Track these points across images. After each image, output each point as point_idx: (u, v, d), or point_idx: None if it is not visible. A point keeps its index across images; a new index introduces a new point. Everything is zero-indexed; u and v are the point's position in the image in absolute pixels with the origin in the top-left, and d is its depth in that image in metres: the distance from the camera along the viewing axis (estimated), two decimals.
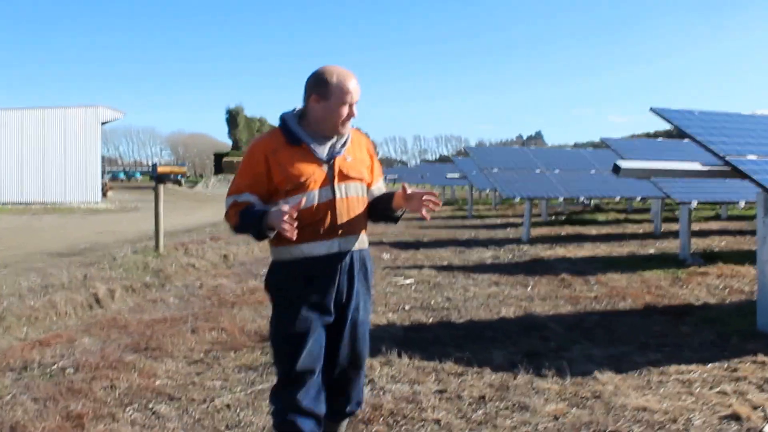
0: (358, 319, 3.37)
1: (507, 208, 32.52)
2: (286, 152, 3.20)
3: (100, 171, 38.48)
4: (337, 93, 3.18)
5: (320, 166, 3.21)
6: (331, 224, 3.21)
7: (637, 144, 14.05)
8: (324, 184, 3.21)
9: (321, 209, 3.19)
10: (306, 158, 3.20)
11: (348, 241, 3.28)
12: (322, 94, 3.19)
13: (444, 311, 7.78)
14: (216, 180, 70.10)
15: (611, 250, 13.77)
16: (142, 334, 6.62)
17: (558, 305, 8.14)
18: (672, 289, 9.13)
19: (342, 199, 3.24)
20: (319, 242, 3.20)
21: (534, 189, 16.43)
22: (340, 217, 3.22)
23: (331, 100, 3.18)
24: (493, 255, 13.26)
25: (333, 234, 3.22)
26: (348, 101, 3.20)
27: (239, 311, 7.68)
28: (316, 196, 3.19)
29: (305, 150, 3.21)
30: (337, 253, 3.24)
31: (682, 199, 11.70)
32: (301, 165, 3.18)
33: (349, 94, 3.20)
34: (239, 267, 11.63)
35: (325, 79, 3.20)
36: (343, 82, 3.19)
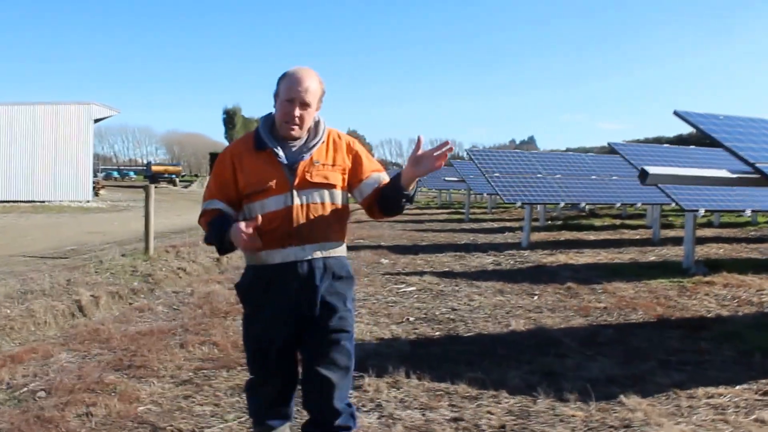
0: (329, 326, 3.19)
1: (502, 211, 32.19)
2: (251, 157, 3.17)
3: (91, 169, 37.75)
4: (283, 89, 3.11)
5: (281, 171, 3.12)
6: (287, 232, 3.11)
7: (645, 149, 13.66)
8: (284, 190, 3.12)
9: (278, 216, 3.11)
10: (268, 163, 3.13)
11: (306, 250, 3.15)
12: (276, 94, 3.18)
13: (450, 323, 7.36)
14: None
15: (613, 257, 13.43)
16: (125, 349, 6.13)
17: (569, 317, 7.74)
18: (681, 300, 8.81)
19: (301, 205, 3.13)
20: (275, 250, 3.13)
21: (535, 194, 16.08)
22: (297, 224, 3.12)
23: (279, 97, 3.14)
24: (494, 261, 12.87)
25: (289, 242, 3.12)
26: (292, 97, 3.07)
27: (232, 322, 7.21)
28: (274, 202, 3.11)
29: (268, 155, 3.14)
30: (294, 262, 3.14)
31: (690, 206, 11.33)
32: (261, 170, 3.12)
33: (292, 92, 3.07)
34: (233, 272, 11.14)
35: (279, 78, 3.16)
36: (290, 78, 3.11)
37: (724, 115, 7.67)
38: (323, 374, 3.18)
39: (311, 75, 3.13)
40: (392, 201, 3.22)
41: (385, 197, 3.25)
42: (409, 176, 3.12)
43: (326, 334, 3.20)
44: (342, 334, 3.23)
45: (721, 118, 7.57)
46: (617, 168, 19.28)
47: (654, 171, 6.04)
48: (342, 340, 3.23)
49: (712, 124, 7.22)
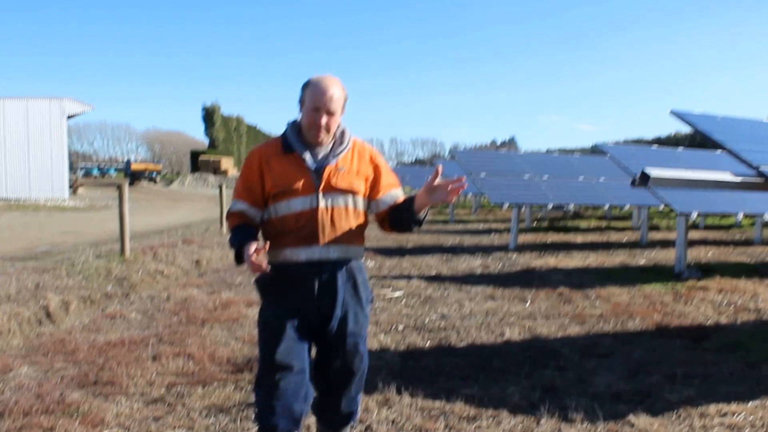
0: (347, 330, 3.32)
1: (487, 212, 31.90)
2: (278, 160, 3.28)
3: (67, 166, 36.93)
4: (309, 98, 3.23)
5: (308, 175, 3.25)
6: (312, 232, 3.22)
7: (633, 151, 13.36)
8: (309, 192, 3.23)
9: (303, 216, 3.22)
10: (295, 166, 3.26)
11: (329, 251, 3.26)
12: (301, 101, 3.28)
13: (441, 332, 6.97)
14: (192, 178, 68.10)
15: (602, 261, 13.13)
16: (92, 362, 5.64)
17: (564, 325, 7.39)
18: (677, 306, 8.50)
19: (326, 208, 3.25)
20: (300, 248, 3.24)
21: (522, 195, 15.71)
22: (321, 226, 3.23)
23: (305, 105, 3.25)
24: (482, 264, 12.50)
25: (313, 242, 3.23)
26: (317, 106, 3.20)
27: (210, 331, 6.79)
28: (300, 203, 3.23)
29: (296, 158, 3.27)
30: (318, 261, 3.25)
31: (683, 210, 11.04)
32: (288, 173, 3.24)
33: (319, 99, 3.19)
34: (212, 275, 10.71)
35: (304, 85, 3.28)
36: (316, 86, 3.22)
37: (721, 116, 7.35)
38: (335, 377, 3.37)
39: (335, 83, 3.25)
40: (404, 222, 3.39)
41: (397, 217, 3.40)
42: (422, 203, 3.25)
43: (342, 338, 3.32)
44: (358, 338, 3.36)
45: (719, 119, 7.25)
46: (604, 169, 19.01)
47: (656, 173, 5.68)
48: (359, 344, 3.37)
49: (711, 125, 6.89)
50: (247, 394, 4.92)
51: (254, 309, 7.85)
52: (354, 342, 3.34)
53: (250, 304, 8.12)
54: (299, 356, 3.28)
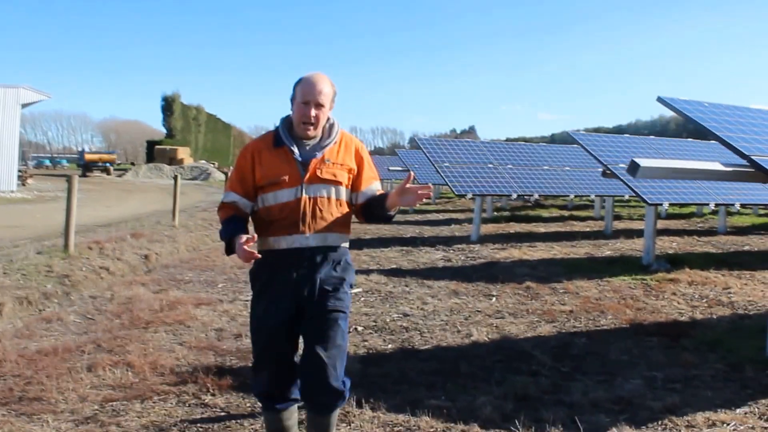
0: (327, 306, 3.39)
1: (447, 202, 31.51)
2: (269, 153, 3.43)
3: (17, 157, 35.44)
4: (299, 93, 3.38)
5: (294, 167, 3.38)
6: (295, 221, 3.35)
7: (605, 140, 12.98)
8: (295, 183, 3.37)
9: (288, 206, 3.36)
10: (283, 159, 3.40)
11: (309, 239, 3.38)
12: (292, 97, 3.43)
13: (404, 333, 6.52)
14: (147, 169, 66.39)
15: (568, 252, 12.81)
16: (19, 375, 5.02)
17: (534, 323, 7.00)
18: (649, 301, 8.21)
19: (309, 198, 3.37)
20: (282, 237, 3.38)
21: (486, 185, 15.25)
22: (303, 215, 3.35)
23: (296, 100, 3.40)
24: (444, 257, 12.07)
25: (294, 230, 3.36)
26: (307, 100, 3.34)
27: (154, 335, 6.24)
28: (286, 194, 3.37)
29: (285, 151, 3.41)
30: (299, 248, 3.37)
31: (654, 200, 10.71)
32: (277, 165, 3.39)
33: (309, 93, 3.34)
34: (161, 271, 10.11)
35: (297, 82, 3.42)
36: (306, 82, 3.37)
37: (708, 102, 6.98)
38: (319, 352, 3.37)
39: (324, 79, 3.41)
40: (375, 216, 3.57)
41: (370, 210, 3.54)
42: (393, 203, 3.43)
43: (323, 314, 3.39)
44: (338, 314, 3.42)
45: (707, 105, 6.88)
46: (569, 158, 18.72)
47: (645, 164, 5.27)
48: (338, 319, 3.42)
49: (699, 112, 6.50)
50: (191, 409, 4.44)
51: (203, 309, 7.35)
52: (334, 318, 3.41)
53: (199, 304, 7.58)
54: (286, 347, 3.47)
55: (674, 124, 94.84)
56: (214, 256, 11.46)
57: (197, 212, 20.02)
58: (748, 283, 9.56)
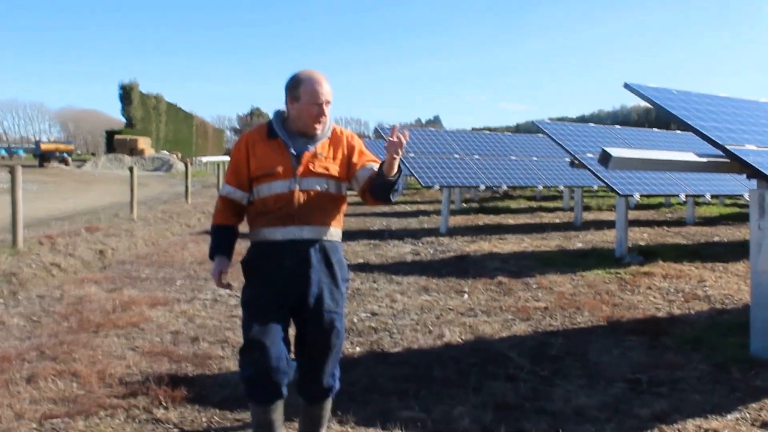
0: (323, 306, 3.45)
1: (414, 193, 31.16)
2: (263, 145, 3.49)
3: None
4: (307, 95, 3.40)
5: (288, 159, 3.43)
6: (289, 212, 3.39)
7: (571, 129, 12.70)
8: (289, 176, 3.41)
9: (282, 198, 3.40)
10: (277, 151, 3.45)
11: (304, 231, 3.41)
12: (295, 96, 3.44)
13: (373, 335, 6.16)
14: (107, 159, 64.92)
15: (538, 244, 12.55)
16: None
17: (508, 322, 6.68)
18: (625, 296, 7.96)
19: (302, 191, 3.41)
20: (277, 228, 3.41)
21: (454, 176, 14.88)
22: (297, 208, 3.39)
23: (302, 101, 3.42)
24: (413, 250, 11.72)
25: (290, 222, 3.39)
26: (316, 101, 3.40)
27: (104, 340, 5.78)
28: (280, 185, 3.40)
29: (279, 144, 3.47)
30: (292, 240, 3.40)
31: (625, 191, 10.45)
32: (270, 156, 3.44)
33: (318, 95, 3.40)
34: (117, 267, 9.61)
35: (298, 82, 3.44)
36: (313, 84, 3.41)
37: (677, 90, 6.69)
38: (313, 352, 3.49)
39: (326, 78, 3.47)
40: (380, 187, 3.47)
41: (374, 184, 3.51)
42: (388, 164, 3.37)
43: (319, 315, 3.44)
44: (333, 314, 3.48)
45: (675, 92, 6.59)
46: (536, 148, 18.47)
47: (618, 154, 4.95)
48: (335, 320, 3.49)
49: (668, 100, 6.20)
50: (141, 426, 4.03)
51: (159, 310, 6.93)
52: (330, 318, 3.47)
53: (155, 304, 7.14)
54: (277, 332, 3.40)
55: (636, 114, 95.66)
56: (173, 251, 11.00)
57: (158, 204, 19.50)
58: (722, 275, 9.36)
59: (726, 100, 7.24)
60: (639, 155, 5.18)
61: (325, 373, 3.53)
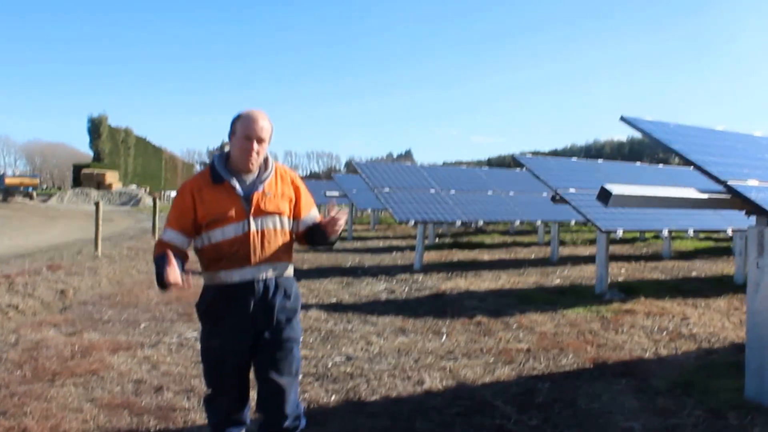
0: (282, 335, 3.51)
1: (386, 228, 30.84)
2: (210, 190, 3.47)
3: None
4: (240, 129, 3.45)
5: (238, 202, 3.46)
6: (245, 254, 3.43)
7: (552, 163, 12.48)
8: (241, 218, 3.44)
9: (237, 241, 3.43)
10: (226, 195, 3.46)
11: (262, 270, 3.46)
12: (231, 132, 3.50)
13: (348, 381, 5.77)
14: (73, 193, 64.00)
15: (516, 281, 12.26)
16: None
17: (490, 365, 6.35)
18: (608, 336, 7.67)
19: (256, 231, 3.46)
20: (235, 270, 3.44)
21: (429, 212, 14.56)
22: (254, 248, 3.44)
23: (236, 136, 3.47)
24: (387, 288, 11.36)
25: (247, 263, 3.43)
26: (248, 135, 3.42)
27: (60, 390, 5.33)
28: (233, 229, 3.43)
29: (226, 187, 3.47)
30: (251, 280, 3.45)
31: (607, 227, 10.21)
32: (220, 201, 3.44)
33: (250, 128, 3.43)
34: (78, 309, 9.13)
35: (237, 118, 3.50)
36: (246, 118, 3.46)
37: (674, 123, 6.46)
38: (275, 379, 3.49)
39: (264, 115, 3.50)
40: (318, 242, 3.69)
41: (312, 236, 3.70)
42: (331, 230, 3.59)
43: (278, 344, 3.50)
44: (291, 343, 3.55)
45: (672, 125, 6.36)
46: (513, 183, 18.27)
47: (618, 191, 4.67)
48: (293, 348, 3.56)
49: (665, 133, 5.97)
50: None
51: (121, 356, 6.49)
52: (289, 347, 3.54)
53: (116, 349, 6.70)
54: (242, 375, 3.56)
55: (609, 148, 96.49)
56: (138, 291, 10.54)
57: (124, 241, 18.97)
58: (704, 312, 9.14)
59: (723, 133, 7.04)
60: (640, 192, 4.91)
61: (288, 402, 3.55)
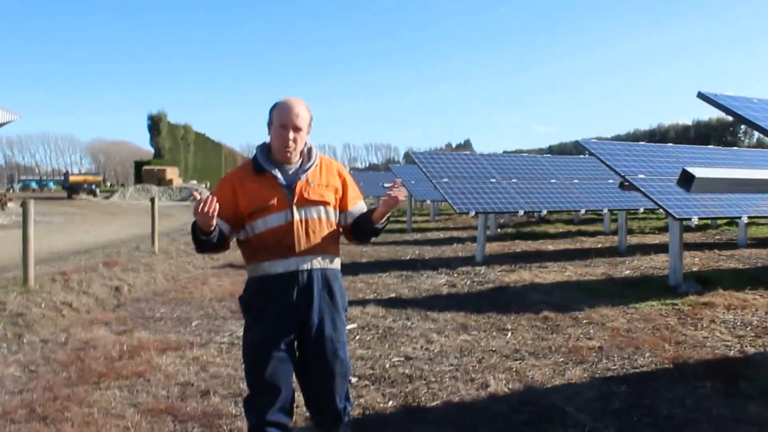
0: (325, 334, 3.44)
1: (446, 219, 30.28)
2: (251, 181, 3.46)
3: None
4: (276, 118, 3.41)
5: (281, 191, 3.42)
6: (288, 244, 3.38)
7: (620, 148, 11.82)
8: (284, 208, 3.40)
9: (280, 230, 3.38)
10: (268, 184, 3.43)
11: (306, 260, 3.41)
12: (269, 122, 3.48)
13: (407, 384, 5.36)
14: (134, 190, 64.75)
15: (583, 273, 11.68)
16: None
17: (560, 365, 5.87)
18: (687, 332, 7.11)
19: (300, 220, 3.41)
20: (278, 261, 3.39)
21: (490, 202, 14.02)
22: (297, 238, 3.39)
23: (273, 125, 3.44)
24: (448, 281, 10.91)
25: (290, 253, 3.38)
26: (284, 124, 3.37)
27: (104, 394, 5.08)
28: (276, 218, 3.39)
29: (268, 177, 3.44)
30: (294, 270, 3.39)
31: (681, 214, 9.57)
32: (262, 191, 3.41)
33: (286, 117, 3.37)
34: (131, 306, 8.95)
35: (273, 107, 3.46)
36: (282, 107, 3.42)
37: (758, 99, 5.87)
38: (319, 382, 3.50)
39: (300, 103, 3.45)
40: (365, 233, 3.62)
41: (359, 228, 3.62)
42: (379, 214, 3.52)
43: (321, 343, 3.44)
44: (336, 343, 3.49)
45: (756, 101, 5.76)
46: (577, 170, 17.58)
47: (702, 174, 4.13)
48: (338, 349, 3.49)
49: (749, 109, 5.38)
50: None
51: (169, 356, 6.22)
52: (333, 347, 3.46)
53: (165, 349, 6.44)
54: (284, 374, 3.42)
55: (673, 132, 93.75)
56: (192, 287, 10.33)
57: (182, 236, 18.87)
58: None
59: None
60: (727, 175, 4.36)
61: (332, 402, 3.53)
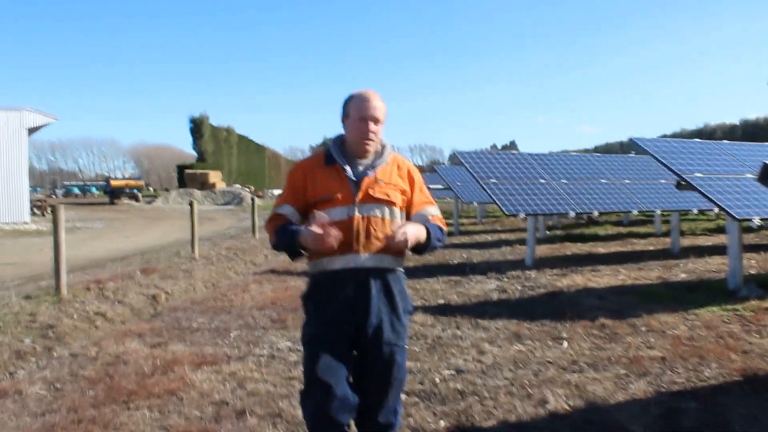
0: (382, 338, 3.33)
1: (494, 221, 29.81)
2: (321, 171, 3.41)
3: (27, 185, 32.83)
4: (354, 110, 3.36)
5: (347, 185, 3.35)
6: (348, 240, 3.27)
7: (675, 145, 11.36)
8: (347, 202, 3.32)
9: (342, 224, 3.26)
10: (335, 177, 3.38)
11: (364, 259, 3.31)
12: (345, 114, 3.42)
13: (460, 401, 5.06)
14: (177, 194, 64.33)
15: (637, 276, 11.28)
16: None
17: (621, 378, 5.54)
18: (753, 340, 6.75)
19: (362, 217, 3.32)
20: (336, 257, 3.30)
21: (540, 203, 13.59)
22: (357, 235, 3.30)
23: (350, 117, 3.38)
24: (498, 287, 10.57)
25: (349, 250, 3.29)
26: (363, 116, 3.32)
27: (133, 415, 4.83)
28: (339, 212, 3.30)
29: (337, 169, 3.39)
30: (353, 268, 3.30)
31: (741, 215, 9.12)
32: (330, 182, 3.36)
33: (365, 110, 3.33)
34: (167, 316, 8.72)
35: (349, 99, 3.42)
36: (360, 98, 3.37)
37: None
38: (373, 386, 3.38)
39: (377, 95, 3.40)
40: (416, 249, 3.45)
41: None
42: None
43: (378, 346, 3.33)
44: (394, 347, 3.37)
45: None
46: (628, 170, 17.07)
47: None
48: (395, 353, 3.37)
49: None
50: None
51: (204, 371, 5.97)
52: (390, 350, 3.35)
53: (201, 363, 6.19)
54: (340, 371, 3.29)
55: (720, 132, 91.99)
56: (232, 295, 10.10)
57: (224, 240, 18.76)
58: None
59: None
60: None
61: (384, 408, 3.42)
